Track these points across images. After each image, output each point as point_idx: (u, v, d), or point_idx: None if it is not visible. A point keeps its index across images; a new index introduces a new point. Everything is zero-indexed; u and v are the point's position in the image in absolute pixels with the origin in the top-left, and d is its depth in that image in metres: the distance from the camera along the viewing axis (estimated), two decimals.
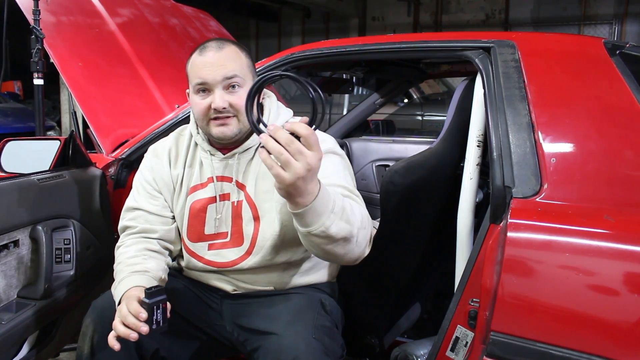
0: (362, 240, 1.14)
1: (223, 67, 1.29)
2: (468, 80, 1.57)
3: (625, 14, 9.96)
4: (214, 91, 1.30)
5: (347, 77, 2.39)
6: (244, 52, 1.36)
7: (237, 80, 1.30)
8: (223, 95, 1.30)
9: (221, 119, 1.31)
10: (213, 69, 1.29)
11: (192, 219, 1.40)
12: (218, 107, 1.29)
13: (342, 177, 1.27)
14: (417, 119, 7.76)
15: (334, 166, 1.29)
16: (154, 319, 1.12)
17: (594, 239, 1.09)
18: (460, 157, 1.53)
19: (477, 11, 11.12)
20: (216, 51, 1.31)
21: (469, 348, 1.22)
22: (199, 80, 1.31)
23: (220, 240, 1.38)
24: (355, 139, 2.86)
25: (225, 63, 1.30)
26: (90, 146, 2.02)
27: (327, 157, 1.28)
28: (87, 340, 1.27)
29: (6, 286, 1.42)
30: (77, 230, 1.61)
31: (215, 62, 1.30)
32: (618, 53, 1.34)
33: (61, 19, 2.32)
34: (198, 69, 1.31)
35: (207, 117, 1.32)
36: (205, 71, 1.30)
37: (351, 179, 1.31)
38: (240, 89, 1.31)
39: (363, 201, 1.25)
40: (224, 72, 1.29)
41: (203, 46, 1.34)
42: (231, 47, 1.34)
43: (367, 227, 1.17)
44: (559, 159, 1.21)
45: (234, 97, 1.30)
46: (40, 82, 2.93)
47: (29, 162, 1.69)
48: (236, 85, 1.31)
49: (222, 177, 1.38)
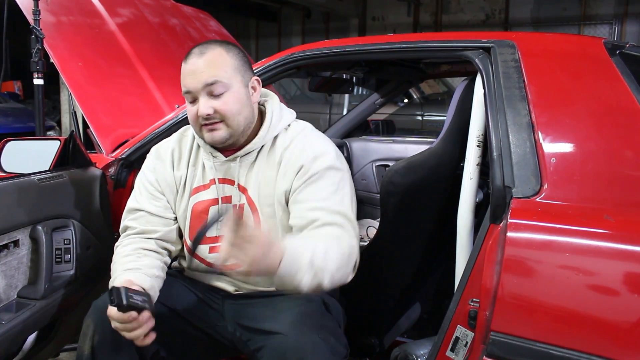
0: (339, 279, 1.20)
1: (203, 74, 1.28)
2: (468, 80, 1.57)
3: (625, 14, 9.96)
4: (199, 98, 1.30)
5: (347, 77, 2.39)
6: (231, 52, 1.33)
7: (219, 85, 1.28)
8: (207, 102, 1.28)
9: (210, 125, 1.30)
10: (194, 77, 1.29)
11: (194, 220, 1.40)
12: (202, 114, 1.28)
13: (334, 201, 1.27)
14: (417, 119, 7.76)
15: (329, 187, 1.28)
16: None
17: (594, 239, 1.09)
18: (460, 157, 1.53)
19: (477, 11, 11.12)
20: (197, 57, 1.29)
21: (469, 348, 1.22)
22: (184, 89, 1.31)
23: (219, 244, 1.38)
24: (355, 139, 2.86)
25: (205, 69, 1.28)
26: (90, 146, 2.02)
27: (325, 176, 1.29)
28: (87, 341, 1.27)
29: (6, 286, 1.42)
30: (77, 230, 1.61)
31: (196, 69, 1.28)
32: (618, 53, 1.34)
33: (61, 19, 2.32)
34: (183, 77, 1.31)
35: (198, 123, 1.32)
36: (188, 79, 1.29)
37: (348, 197, 1.30)
38: (226, 93, 1.29)
39: (354, 224, 1.27)
40: (203, 79, 1.27)
41: (189, 52, 1.32)
42: (214, 50, 1.30)
43: (346, 264, 1.20)
44: (559, 159, 1.21)
45: (219, 102, 1.29)
46: (40, 82, 2.93)
47: (29, 162, 1.69)
48: (219, 90, 1.29)
49: (223, 180, 1.38)
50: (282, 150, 1.35)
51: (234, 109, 1.30)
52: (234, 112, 1.30)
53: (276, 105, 1.41)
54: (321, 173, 1.29)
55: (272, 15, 13.39)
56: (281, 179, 1.33)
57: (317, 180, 1.29)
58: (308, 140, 1.36)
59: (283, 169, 1.33)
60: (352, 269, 1.23)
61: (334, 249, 1.18)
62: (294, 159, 1.32)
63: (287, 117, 1.41)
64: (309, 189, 1.29)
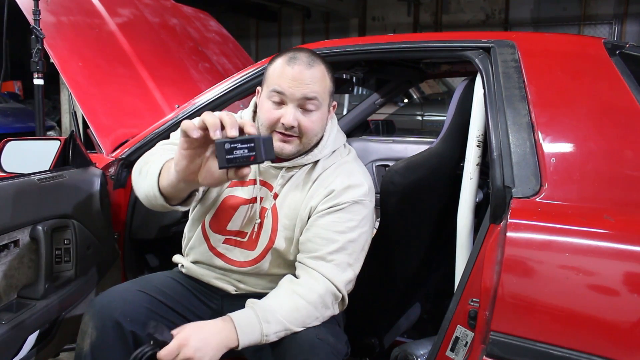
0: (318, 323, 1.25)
1: (307, 86, 1.26)
2: (468, 80, 1.57)
3: (625, 14, 9.96)
4: (288, 105, 1.27)
5: (347, 77, 2.39)
6: (330, 74, 1.32)
7: (315, 103, 1.27)
8: (295, 113, 1.27)
9: (285, 136, 1.28)
10: (296, 84, 1.25)
11: (221, 211, 1.39)
12: (288, 123, 1.26)
13: (348, 236, 1.28)
14: (417, 119, 7.77)
15: (350, 222, 1.30)
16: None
17: (594, 239, 1.09)
18: (460, 157, 1.53)
19: (477, 11, 11.12)
20: (306, 67, 1.26)
21: (469, 348, 1.22)
22: (277, 88, 1.27)
23: (238, 238, 1.38)
24: (355, 139, 2.86)
25: (311, 82, 1.26)
26: (90, 146, 2.02)
27: (350, 210, 1.30)
28: (86, 338, 1.27)
29: (6, 286, 1.42)
30: (77, 230, 1.61)
31: (303, 78, 1.26)
32: (618, 53, 1.34)
33: (61, 19, 2.32)
34: (280, 77, 1.27)
35: (272, 127, 1.29)
36: (289, 83, 1.25)
37: (364, 236, 1.32)
38: (315, 112, 1.28)
39: (355, 261, 1.30)
40: (306, 91, 1.26)
41: (294, 55, 1.29)
42: (321, 67, 1.29)
43: (325, 309, 1.25)
44: (558, 159, 1.20)
45: (306, 119, 1.28)
46: (40, 82, 2.93)
47: (29, 162, 1.69)
48: (312, 107, 1.28)
49: (264, 182, 1.37)
50: (321, 170, 1.36)
51: (316, 129, 1.30)
52: (314, 132, 1.30)
53: (334, 128, 1.41)
54: (348, 206, 1.30)
55: (272, 15, 13.40)
56: (310, 198, 1.33)
57: (341, 211, 1.30)
58: (346, 168, 1.37)
59: (315, 188, 1.34)
60: (331, 313, 1.28)
61: (313, 303, 1.23)
62: (327, 182, 1.33)
63: (339, 141, 1.41)
64: (330, 217, 1.30)
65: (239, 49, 3.21)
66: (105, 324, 1.24)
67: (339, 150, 1.42)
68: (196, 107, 1.82)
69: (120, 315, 1.26)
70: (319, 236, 1.28)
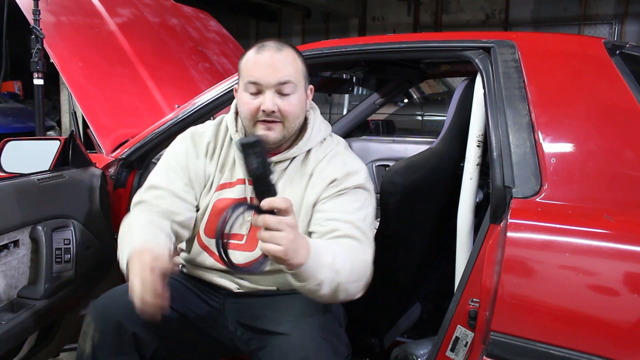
0: (352, 291, 1.21)
1: (278, 71, 1.27)
2: (468, 80, 1.57)
3: (625, 14, 9.96)
4: (265, 93, 1.28)
5: (347, 77, 2.39)
6: (300, 57, 1.34)
7: (290, 85, 1.28)
8: (273, 99, 1.28)
9: (268, 123, 1.29)
10: (268, 70, 1.27)
11: (213, 216, 1.39)
12: (267, 109, 1.27)
13: (357, 217, 1.28)
14: (417, 119, 7.77)
15: (355, 203, 1.30)
16: None
17: (594, 239, 1.09)
18: (460, 157, 1.53)
19: (477, 11, 11.12)
20: (274, 52, 1.28)
21: (469, 348, 1.22)
22: (251, 79, 1.28)
23: (235, 241, 1.38)
24: (355, 139, 2.86)
25: (281, 66, 1.28)
26: (90, 146, 2.02)
27: (353, 193, 1.31)
28: (88, 340, 1.27)
29: (6, 286, 1.42)
30: (77, 230, 1.61)
31: (272, 64, 1.27)
32: (618, 53, 1.34)
33: (61, 19, 2.32)
34: (252, 68, 1.29)
35: (254, 118, 1.30)
36: (262, 71, 1.27)
37: (370, 217, 1.32)
38: (292, 95, 1.29)
39: (371, 243, 1.29)
40: (278, 76, 1.27)
41: (261, 45, 1.31)
42: (289, 50, 1.31)
43: (360, 278, 1.22)
44: (559, 159, 1.20)
45: (284, 102, 1.28)
46: (40, 82, 2.94)
47: (29, 162, 1.69)
48: (288, 90, 1.28)
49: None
50: (315, 163, 1.36)
51: (296, 111, 1.31)
52: (295, 114, 1.31)
53: (318, 117, 1.42)
54: (351, 189, 1.31)
55: (272, 15, 13.39)
56: (310, 190, 1.34)
57: (345, 194, 1.31)
58: (342, 157, 1.38)
59: (314, 181, 1.34)
60: (363, 286, 1.24)
61: (352, 260, 1.20)
62: (327, 173, 1.34)
63: (324, 131, 1.41)
64: (335, 201, 1.31)
65: (239, 49, 3.21)
66: (107, 325, 1.24)
67: (328, 140, 1.42)
68: (196, 107, 1.82)
69: (121, 317, 1.25)
70: (329, 218, 1.29)
